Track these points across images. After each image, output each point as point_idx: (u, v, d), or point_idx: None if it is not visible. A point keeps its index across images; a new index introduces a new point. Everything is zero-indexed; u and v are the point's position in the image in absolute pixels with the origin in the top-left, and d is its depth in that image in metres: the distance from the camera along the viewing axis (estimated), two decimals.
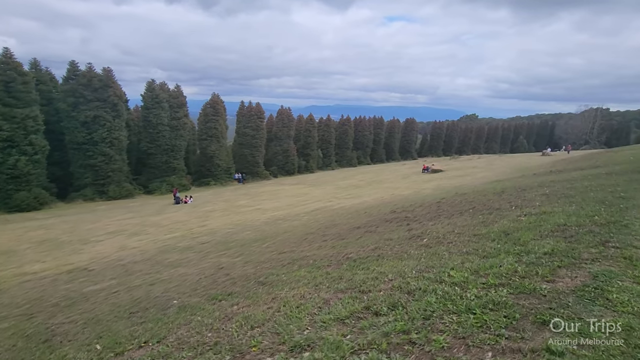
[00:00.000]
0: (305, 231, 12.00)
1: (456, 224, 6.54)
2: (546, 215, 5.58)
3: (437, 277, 3.25)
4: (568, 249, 3.45)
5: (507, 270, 3.06)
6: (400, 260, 4.37)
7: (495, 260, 3.50)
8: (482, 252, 3.91)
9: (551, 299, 2.33)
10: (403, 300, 2.77)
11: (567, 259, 3.17)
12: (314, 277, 4.48)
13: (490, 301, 2.42)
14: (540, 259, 3.25)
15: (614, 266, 2.87)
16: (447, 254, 4.18)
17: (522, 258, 3.39)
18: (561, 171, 17.85)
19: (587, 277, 2.67)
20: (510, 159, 44.13)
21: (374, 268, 4.23)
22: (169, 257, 10.81)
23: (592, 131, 77.04)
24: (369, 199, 20.90)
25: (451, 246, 4.61)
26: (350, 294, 3.27)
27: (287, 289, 4.06)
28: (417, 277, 3.39)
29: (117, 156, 30.36)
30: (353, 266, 4.64)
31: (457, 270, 3.35)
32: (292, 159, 49.40)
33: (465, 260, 3.70)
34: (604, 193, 6.92)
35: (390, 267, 4.11)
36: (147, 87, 33.72)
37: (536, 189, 10.14)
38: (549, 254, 3.39)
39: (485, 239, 4.63)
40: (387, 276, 3.66)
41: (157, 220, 18.62)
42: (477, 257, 3.76)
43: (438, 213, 9.13)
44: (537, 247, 3.68)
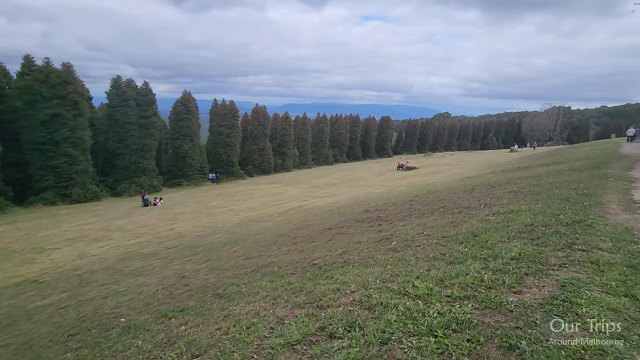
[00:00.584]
0: (277, 233, 11.64)
1: (426, 225, 6.41)
2: (513, 214, 5.52)
3: (401, 288, 3.02)
4: (535, 253, 3.31)
5: (473, 280, 2.87)
6: (366, 268, 4.13)
7: (462, 266, 3.31)
8: (449, 258, 3.73)
9: (518, 315, 2.14)
10: (362, 319, 2.51)
11: (534, 264, 3.02)
12: (274, 288, 4.17)
13: (453, 319, 2.20)
14: (507, 265, 3.09)
15: (581, 272, 2.73)
16: (414, 260, 3.98)
17: (489, 264, 3.22)
18: (528, 167, 18.36)
19: (554, 287, 2.50)
20: (481, 156, 45.43)
21: (337, 277, 3.97)
22: (130, 265, 10.17)
23: (555, 128, 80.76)
24: (344, 197, 20.76)
25: (419, 250, 4.42)
26: (308, 310, 2.98)
27: (244, 303, 3.73)
28: (380, 288, 3.15)
29: (81, 157, 28.67)
30: (317, 275, 4.37)
31: (422, 279, 3.13)
32: (268, 157, 48.68)
33: (431, 267, 3.50)
34: (568, 190, 7.00)
35: (355, 275, 3.86)
36: (112, 84, 32.08)
37: (504, 186, 10.25)
38: (516, 258, 3.24)
39: (453, 242, 4.47)
40: (349, 287, 3.40)
41: (122, 224, 17.66)
42: (444, 263, 3.56)
43: (410, 212, 9.02)
44: (505, 251, 3.53)
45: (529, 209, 5.71)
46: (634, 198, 5.97)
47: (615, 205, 5.30)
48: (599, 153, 18.34)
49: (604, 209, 5.04)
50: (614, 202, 5.51)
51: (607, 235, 3.65)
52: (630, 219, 4.47)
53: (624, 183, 7.56)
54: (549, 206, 5.69)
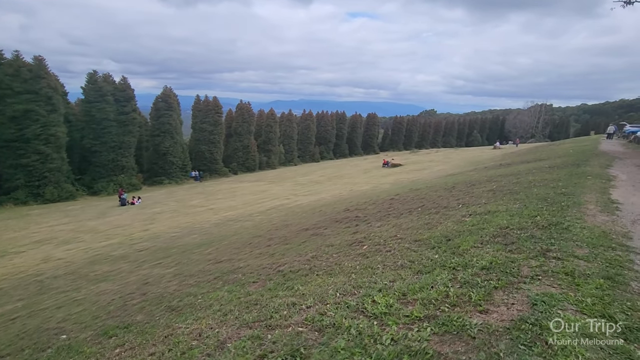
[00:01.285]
0: (254, 233, 11.25)
1: (401, 226, 6.14)
2: (490, 215, 5.29)
3: (360, 303, 2.71)
4: (507, 262, 3.04)
5: (437, 294, 2.57)
6: (330, 276, 3.81)
7: (428, 277, 3.01)
8: (417, 266, 3.44)
9: (480, 344, 1.84)
10: (307, 345, 2.18)
11: (505, 276, 2.74)
12: (230, 300, 3.81)
13: (407, 349, 1.89)
14: (476, 277, 2.80)
15: (554, 286, 2.47)
16: (380, 268, 3.68)
17: (457, 275, 2.93)
18: (509, 164, 18.41)
19: (524, 305, 2.22)
20: (465, 153, 45.81)
21: (298, 287, 3.63)
22: (97, 270, 9.62)
23: (538, 125, 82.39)
24: (327, 195, 20.46)
25: (388, 256, 4.13)
26: (254, 331, 2.63)
27: (191, 319, 3.36)
28: (338, 303, 2.83)
29: (54, 154, 27.49)
30: (278, 284, 4.02)
31: (384, 293, 2.82)
32: (252, 155, 47.95)
33: (397, 277, 3.19)
34: (547, 189, 6.84)
35: (316, 286, 3.53)
36: (88, 79, 30.86)
37: (484, 184, 10.11)
38: (486, 268, 2.96)
39: (425, 246, 4.19)
40: (306, 301, 3.06)
41: (96, 225, 16.92)
42: (411, 273, 3.27)
43: (388, 212, 8.77)
44: (476, 259, 3.25)
45: (506, 210, 5.50)
46: (612, 197, 5.83)
47: (593, 205, 5.12)
48: (579, 150, 18.53)
49: (582, 209, 4.84)
50: (592, 202, 5.34)
51: (583, 241, 3.42)
52: (607, 221, 4.27)
53: (602, 181, 7.45)
54: (526, 206, 5.48)
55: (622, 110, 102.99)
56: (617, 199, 5.74)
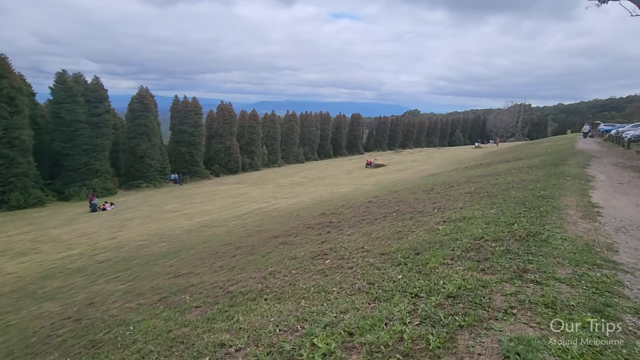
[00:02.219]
0: (224, 241, 10.61)
1: (371, 235, 5.64)
2: (465, 222, 4.84)
3: (296, 348, 2.17)
4: (478, 286, 2.56)
5: (390, 337, 2.06)
6: (278, 302, 3.26)
7: (385, 307, 2.50)
8: (376, 290, 2.92)
9: None
10: None
11: (474, 308, 2.25)
12: (158, 333, 3.21)
13: None
14: (439, 309, 2.31)
15: (533, 324, 1.98)
16: (336, 292, 3.15)
17: (418, 305, 2.43)
18: (489, 164, 18.28)
19: (494, 356, 1.73)
20: (448, 152, 46.07)
21: (238, 318, 3.07)
22: (47, 286, 8.79)
23: (517, 125, 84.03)
24: (307, 198, 19.92)
25: (349, 274, 3.60)
26: None
27: None
28: (272, 346, 2.29)
29: (20, 158, 25.96)
30: (221, 311, 3.45)
31: (328, 332, 2.29)
32: (235, 156, 46.92)
33: (350, 307, 2.67)
34: (525, 191, 6.47)
35: (259, 316, 2.98)
36: (57, 79, 29.38)
37: (463, 185, 9.77)
38: (453, 296, 2.47)
39: (390, 262, 3.69)
40: (239, 341, 2.51)
41: (59, 233, 15.86)
42: (367, 301, 2.75)
43: (363, 217, 8.29)
44: (443, 281, 2.76)
45: (482, 216, 5.07)
46: (592, 200, 5.48)
47: (573, 210, 4.74)
48: (557, 149, 18.57)
49: (562, 215, 4.44)
50: (572, 207, 4.96)
51: (565, 256, 2.98)
52: (590, 229, 3.87)
53: (581, 182, 7.15)
54: (503, 212, 5.06)
55: (596, 109, 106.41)
56: (597, 202, 5.39)
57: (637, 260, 3.01)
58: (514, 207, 5.33)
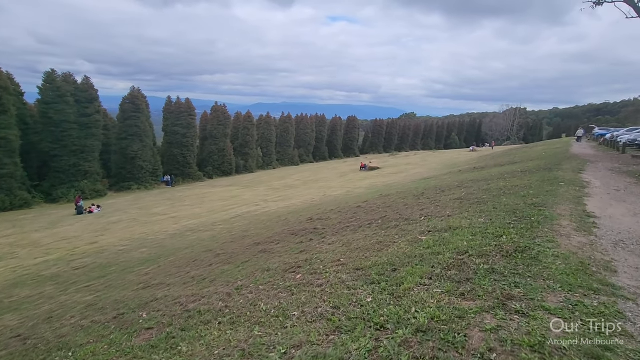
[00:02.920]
0: (207, 247, 10.18)
1: (351, 245, 5.25)
2: (450, 233, 4.46)
3: None
4: (454, 317, 2.18)
5: None
6: (231, 328, 2.85)
7: (343, 343, 2.11)
8: (339, 317, 2.53)
9: None
10: None
11: (445, 348, 1.86)
12: None
13: None
14: (404, 350, 1.92)
15: None
16: (296, 316, 2.75)
17: (381, 342, 2.04)
18: (483, 168, 17.98)
19: None
20: (443, 155, 45.85)
21: (182, 347, 2.66)
22: (15, 295, 8.32)
23: (513, 128, 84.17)
24: (299, 201, 19.50)
25: (315, 294, 3.21)
26: None
27: None
28: None
29: (6, 159, 25.34)
30: (168, 337, 3.04)
31: None
32: (228, 158, 46.41)
33: (303, 342, 2.27)
34: (517, 198, 6.11)
35: (204, 346, 2.57)
36: (45, 78, 28.82)
37: (454, 190, 9.41)
38: (423, 331, 2.08)
39: (363, 280, 3.30)
40: None
41: (40, 237, 15.33)
42: (326, 332, 2.35)
43: (349, 223, 7.90)
44: (415, 309, 2.38)
45: (470, 225, 4.69)
46: (588, 209, 5.12)
47: (567, 221, 4.37)
48: (551, 153, 18.31)
49: (554, 227, 4.07)
50: (566, 216, 4.59)
51: (557, 279, 2.60)
52: (585, 244, 3.49)
53: (576, 189, 6.80)
54: (492, 222, 4.69)
55: (591, 113, 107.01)
56: (593, 211, 5.03)
57: (639, 284, 2.63)
58: (503, 216, 4.96)
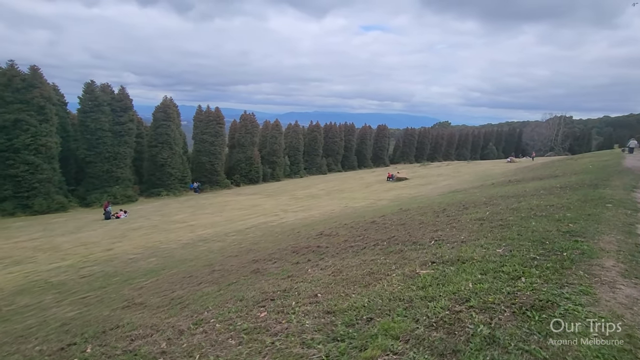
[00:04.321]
0: (210, 260, 9.77)
1: (342, 272, 4.49)
2: (457, 267, 3.59)
3: None
4: None
5: None
6: None
7: None
8: None
9: None
10: None
11: None
12: None
13: None
14: None
15: None
16: None
17: None
18: (519, 181, 16.39)
19: None
20: (477, 166, 43.41)
21: None
22: (15, 303, 8.25)
23: (557, 138, 78.73)
24: (318, 212, 18.82)
25: (261, 350, 2.49)
26: None
27: None
28: None
29: (45, 165, 26.87)
30: None
31: None
32: (255, 166, 46.78)
33: None
34: (549, 223, 5.05)
35: None
36: (85, 89, 30.48)
37: (479, 207, 8.33)
38: None
39: (324, 333, 2.55)
40: None
41: (62, 241, 15.73)
42: None
43: (355, 242, 7.13)
44: None
45: (483, 258, 3.78)
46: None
47: (613, 259, 3.34)
48: (599, 166, 16.37)
49: (593, 268, 3.08)
50: (611, 252, 3.55)
51: None
52: (637, 300, 2.51)
53: (627, 213, 5.58)
54: (512, 254, 3.75)
55: None
56: None
57: None
58: (528, 247, 3.98)
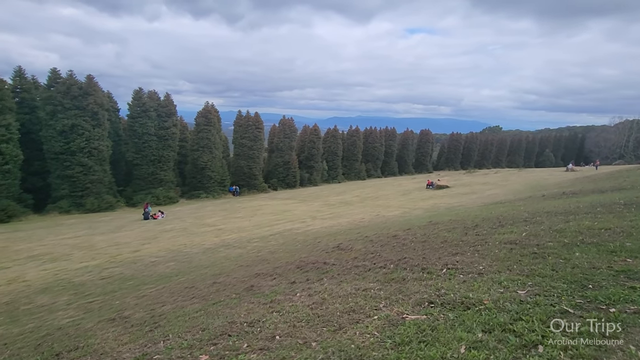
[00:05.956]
0: (221, 269, 9.48)
1: (323, 304, 3.78)
2: (455, 317, 2.74)
3: None
4: None
5: None
6: None
7: None
8: None
9: None
10: None
11: None
12: None
13: None
14: None
15: None
16: None
17: None
18: (575, 193, 14.35)
19: None
20: (529, 175, 39.73)
21: None
22: (35, 302, 8.49)
23: (627, 145, 70.19)
24: (346, 220, 18.02)
25: None
26: None
27: None
28: None
29: (96, 167, 28.95)
30: None
31: None
32: (293, 171, 46.99)
33: None
34: (599, 255, 3.92)
35: None
36: (133, 96, 32.53)
37: (517, 226, 7.11)
38: None
39: None
40: None
41: (98, 241, 16.52)
42: None
43: (363, 261, 6.37)
44: None
45: (494, 304, 2.87)
46: None
47: None
48: None
49: None
50: None
51: None
52: None
53: None
54: (536, 302, 2.80)
55: None
56: None
57: None
58: (562, 290, 3.00)
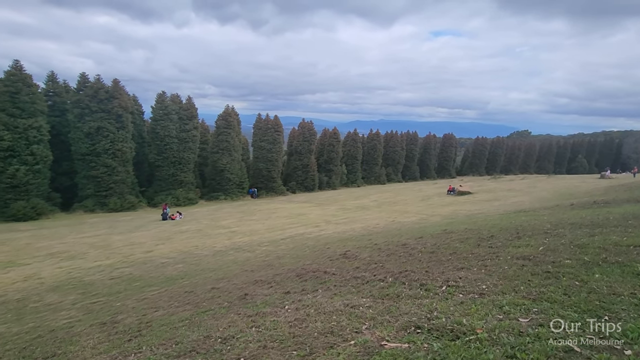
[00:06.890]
0: (225, 273, 9.38)
1: (306, 321, 3.48)
2: (441, 346, 2.38)
3: None
4: None
5: None
6: None
7: None
8: None
9: None
10: None
11: None
12: None
13: None
14: None
15: None
16: None
17: None
18: (607, 203, 13.31)
19: None
20: (558, 182, 37.71)
21: None
22: (43, 300, 8.65)
23: None
24: (360, 226, 17.60)
25: None
26: None
27: None
28: None
29: (120, 168, 29.92)
30: None
31: None
32: (311, 174, 46.84)
33: None
34: (622, 278, 3.41)
35: None
36: (156, 99, 33.45)
37: (535, 238, 6.54)
38: None
39: None
40: None
41: (116, 240, 16.90)
42: None
43: (364, 272, 6.07)
44: None
45: (488, 335, 2.48)
46: None
47: None
48: None
49: None
50: None
51: None
52: None
53: None
54: (538, 335, 2.39)
55: None
56: None
57: None
58: (572, 320, 2.55)
